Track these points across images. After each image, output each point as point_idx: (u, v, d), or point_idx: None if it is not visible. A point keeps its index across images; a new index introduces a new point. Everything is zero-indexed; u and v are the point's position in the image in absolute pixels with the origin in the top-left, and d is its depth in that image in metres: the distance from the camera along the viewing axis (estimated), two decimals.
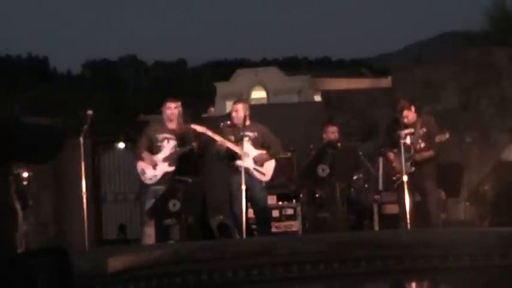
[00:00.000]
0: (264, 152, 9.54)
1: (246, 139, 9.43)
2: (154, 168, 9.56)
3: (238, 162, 9.28)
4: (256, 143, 9.55)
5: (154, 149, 9.65)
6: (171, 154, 9.59)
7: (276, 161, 9.73)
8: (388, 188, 10.16)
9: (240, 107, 9.58)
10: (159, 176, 9.57)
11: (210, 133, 9.42)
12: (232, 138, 9.47)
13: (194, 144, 9.55)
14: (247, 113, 9.53)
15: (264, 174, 9.54)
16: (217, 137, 9.41)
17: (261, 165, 9.52)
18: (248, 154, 9.42)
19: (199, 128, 9.42)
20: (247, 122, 9.46)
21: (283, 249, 7.00)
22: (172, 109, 9.68)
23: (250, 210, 9.73)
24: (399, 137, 9.25)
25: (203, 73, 69.65)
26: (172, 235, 9.59)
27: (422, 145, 9.40)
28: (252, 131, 9.54)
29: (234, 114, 9.58)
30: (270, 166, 9.59)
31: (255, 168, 9.48)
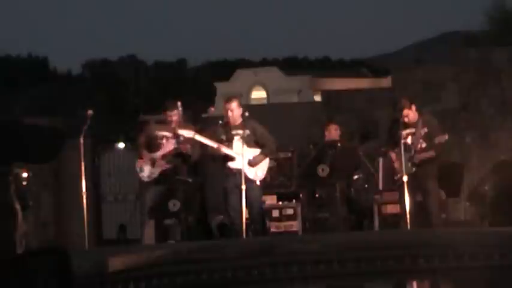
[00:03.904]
0: (257, 153, 9.41)
1: (237, 138, 9.36)
2: (153, 165, 9.62)
3: (231, 164, 9.22)
4: (249, 141, 9.39)
5: (153, 147, 9.71)
6: (169, 152, 9.63)
7: (276, 160, 9.65)
8: (388, 188, 10.15)
9: (235, 105, 9.47)
10: (156, 173, 9.64)
11: (200, 138, 9.34)
12: (224, 137, 9.35)
13: (188, 145, 9.55)
14: (240, 111, 9.44)
15: (257, 173, 9.43)
16: (209, 142, 9.32)
17: (256, 166, 9.42)
18: (240, 154, 9.35)
19: (186, 134, 9.37)
20: (239, 120, 9.39)
21: (283, 249, 7.00)
22: (172, 118, 9.75)
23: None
24: (400, 137, 9.24)
25: (203, 73, 69.54)
26: (172, 235, 9.60)
27: (423, 145, 9.37)
28: (243, 129, 9.41)
29: (229, 114, 9.43)
30: (264, 165, 9.47)
31: (248, 169, 9.41)
